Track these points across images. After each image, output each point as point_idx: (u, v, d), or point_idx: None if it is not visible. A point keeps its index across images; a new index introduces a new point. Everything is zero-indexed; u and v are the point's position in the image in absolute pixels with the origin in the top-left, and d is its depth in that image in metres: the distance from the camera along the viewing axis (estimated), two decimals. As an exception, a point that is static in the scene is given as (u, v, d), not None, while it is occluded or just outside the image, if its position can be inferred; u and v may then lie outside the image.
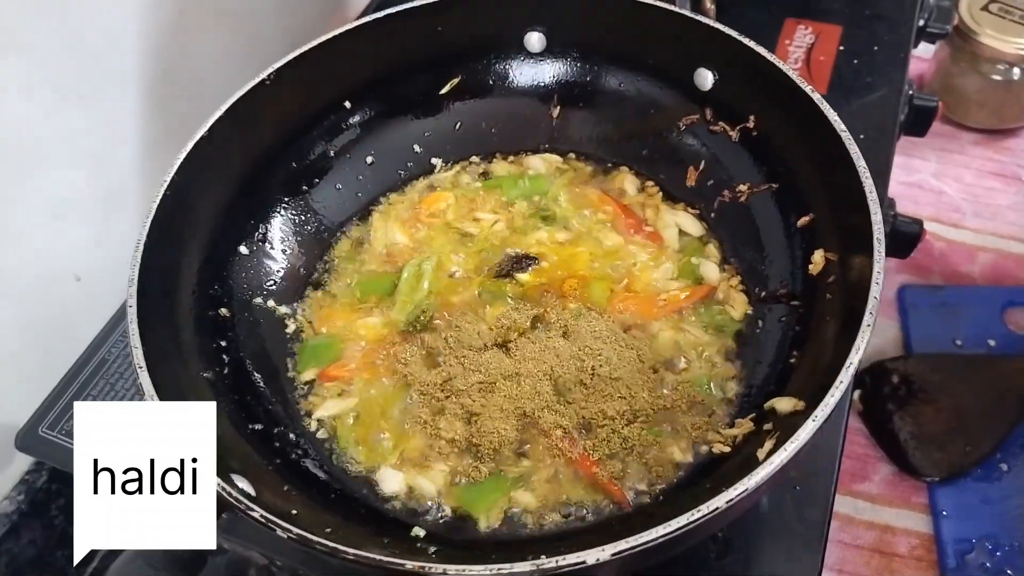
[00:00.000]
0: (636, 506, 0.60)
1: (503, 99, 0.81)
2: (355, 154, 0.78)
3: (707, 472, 0.59)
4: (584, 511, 0.60)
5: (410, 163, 0.80)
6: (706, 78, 0.73)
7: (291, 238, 0.74)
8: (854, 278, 0.58)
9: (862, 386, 0.89)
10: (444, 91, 0.80)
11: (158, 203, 0.62)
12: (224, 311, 0.67)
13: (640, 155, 0.79)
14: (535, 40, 0.79)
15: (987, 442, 0.83)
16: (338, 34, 0.74)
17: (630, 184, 0.78)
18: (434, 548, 0.55)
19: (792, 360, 0.62)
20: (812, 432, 0.49)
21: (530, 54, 0.80)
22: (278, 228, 0.74)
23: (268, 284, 0.72)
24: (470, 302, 0.71)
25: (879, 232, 0.56)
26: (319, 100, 0.76)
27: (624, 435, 0.61)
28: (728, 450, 0.60)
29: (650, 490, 0.60)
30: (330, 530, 0.51)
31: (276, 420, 0.64)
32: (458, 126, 0.81)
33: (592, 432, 0.62)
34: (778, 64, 0.67)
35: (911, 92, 0.92)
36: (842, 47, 0.95)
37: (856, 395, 0.88)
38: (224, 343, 0.65)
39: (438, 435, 0.63)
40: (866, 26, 0.97)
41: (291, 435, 0.64)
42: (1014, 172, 1.10)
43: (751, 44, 0.68)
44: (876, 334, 0.53)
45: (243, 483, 0.51)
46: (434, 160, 0.81)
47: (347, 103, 0.77)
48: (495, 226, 0.76)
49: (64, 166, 0.76)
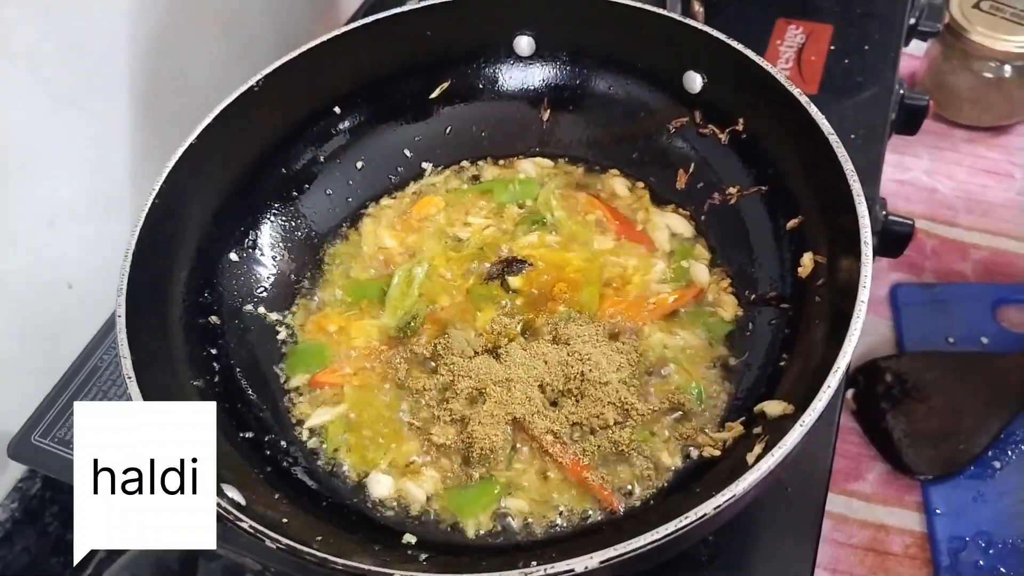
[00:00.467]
0: (626, 510, 0.60)
1: (493, 103, 0.81)
2: (345, 159, 0.78)
3: (697, 476, 0.59)
4: (574, 516, 0.60)
5: (400, 168, 0.80)
6: (695, 81, 0.73)
7: (281, 244, 0.74)
8: (843, 281, 0.58)
9: (855, 385, 0.89)
10: (434, 95, 0.80)
11: (146, 212, 0.63)
12: (214, 319, 0.67)
13: (630, 158, 0.79)
14: (524, 44, 0.79)
15: (980, 440, 0.83)
16: (327, 39, 0.74)
17: (620, 187, 0.78)
18: (425, 555, 0.55)
19: (782, 363, 0.62)
20: (801, 436, 0.49)
21: (519, 58, 0.80)
22: (268, 235, 0.74)
23: (258, 291, 0.72)
24: (461, 307, 0.71)
25: (867, 235, 0.56)
26: (308, 106, 0.76)
27: (614, 440, 0.61)
28: (718, 454, 0.60)
29: (640, 494, 0.60)
30: (321, 538, 0.51)
31: (267, 428, 0.64)
32: (448, 130, 0.81)
33: (582, 437, 0.62)
34: (766, 67, 0.67)
35: (902, 91, 0.92)
36: (833, 46, 0.95)
37: (849, 394, 0.88)
38: (214, 351, 0.65)
39: (429, 440, 0.63)
40: (857, 25, 0.97)
41: (282, 443, 0.64)
42: (1006, 169, 1.10)
43: (739, 47, 0.68)
44: (869, 332, 0.53)
45: (233, 492, 0.52)
46: (424, 165, 0.81)
47: (336, 108, 0.77)
48: (486, 230, 0.76)
49: (57, 172, 0.76)
